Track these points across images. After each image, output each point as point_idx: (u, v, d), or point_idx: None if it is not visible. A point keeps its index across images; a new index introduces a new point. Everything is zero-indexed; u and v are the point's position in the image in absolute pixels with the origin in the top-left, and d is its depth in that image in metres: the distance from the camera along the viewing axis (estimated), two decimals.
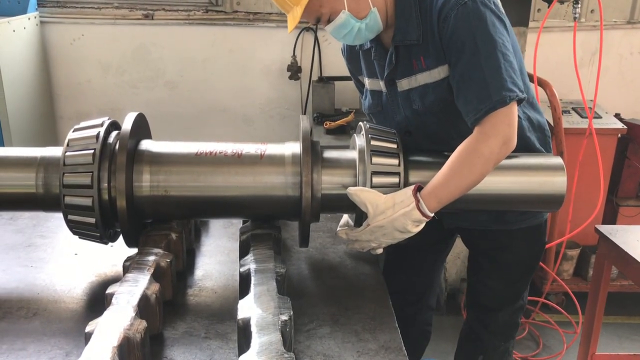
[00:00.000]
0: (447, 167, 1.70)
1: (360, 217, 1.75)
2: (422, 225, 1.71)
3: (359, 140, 1.78)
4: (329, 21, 1.80)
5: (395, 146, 1.75)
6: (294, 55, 4.25)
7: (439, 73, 1.80)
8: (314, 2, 1.75)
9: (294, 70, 4.24)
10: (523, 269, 2.15)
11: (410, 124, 1.95)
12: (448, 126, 1.86)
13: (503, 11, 1.77)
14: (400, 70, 1.89)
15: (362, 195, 1.68)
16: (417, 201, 1.67)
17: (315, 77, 4.24)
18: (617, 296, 3.69)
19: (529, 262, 2.14)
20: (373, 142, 1.73)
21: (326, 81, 4.09)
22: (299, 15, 1.76)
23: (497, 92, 1.66)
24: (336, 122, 3.74)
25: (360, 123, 1.83)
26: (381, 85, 1.98)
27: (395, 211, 1.67)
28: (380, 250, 1.80)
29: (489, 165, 1.69)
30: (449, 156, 1.73)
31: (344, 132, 3.72)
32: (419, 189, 1.70)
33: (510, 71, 1.69)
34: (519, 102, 1.71)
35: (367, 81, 2.07)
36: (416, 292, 2.37)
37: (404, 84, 1.90)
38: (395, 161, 1.72)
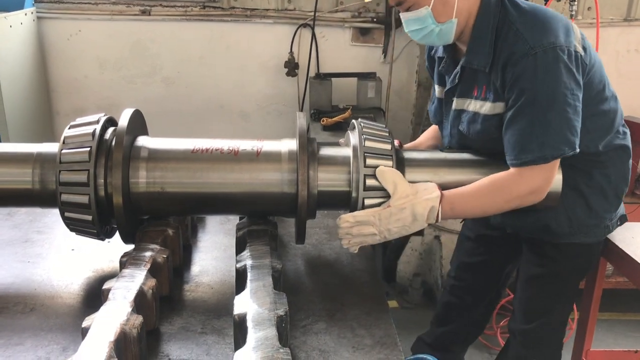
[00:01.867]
0: (474, 186, 1.73)
1: (353, 211, 1.75)
2: (429, 222, 1.71)
3: (353, 138, 1.79)
4: (408, 10, 1.79)
5: (389, 147, 1.75)
6: (291, 52, 4.25)
7: (492, 108, 1.81)
8: None
9: (291, 67, 4.24)
10: (558, 286, 2.10)
11: (453, 142, 1.98)
12: (487, 151, 1.88)
13: (580, 51, 1.74)
14: (460, 90, 1.91)
15: (395, 176, 1.69)
16: (442, 194, 1.70)
17: (312, 74, 4.25)
18: (612, 293, 3.70)
19: (566, 280, 2.09)
20: (367, 143, 1.73)
21: (323, 77, 4.09)
22: None
23: (541, 149, 1.68)
24: (333, 119, 3.75)
25: (354, 121, 1.83)
26: (442, 95, 2.02)
27: (418, 197, 1.69)
28: (357, 249, 1.76)
29: (510, 204, 1.75)
30: (442, 154, 1.74)
31: (341, 129, 3.73)
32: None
33: (565, 128, 1.69)
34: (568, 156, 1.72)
35: (436, 88, 2.09)
36: (475, 290, 2.38)
37: (457, 104, 1.93)
38: (389, 162, 1.72)
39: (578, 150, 1.73)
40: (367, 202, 1.71)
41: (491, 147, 1.83)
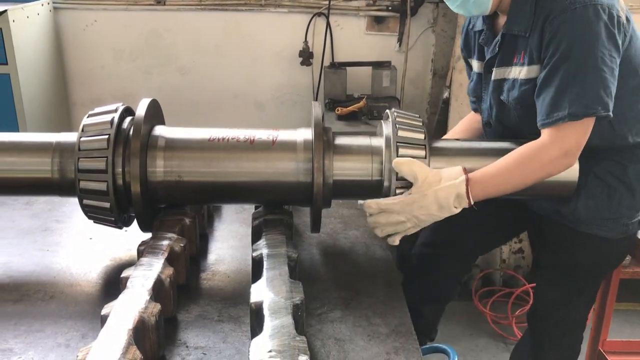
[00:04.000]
0: (503, 161, 1.70)
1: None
2: (460, 208, 1.68)
3: (386, 128, 1.77)
4: None
5: (422, 137, 1.74)
6: (305, 41, 4.24)
7: (529, 72, 1.78)
8: None
9: (306, 56, 4.23)
10: (579, 279, 2.04)
11: (492, 115, 1.95)
12: (524, 124, 1.85)
13: (624, 18, 1.70)
14: (499, 59, 1.88)
15: (414, 166, 1.66)
16: (467, 178, 1.66)
17: (327, 63, 4.23)
18: (629, 283, 3.67)
19: (582, 273, 2.02)
20: (401, 133, 1.72)
21: (338, 67, 4.07)
22: None
23: (573, 105, 1.63)
24: (348, 108, 3.74)
25: (388, 111, 1.82)
26: (481, 69, 1.98)
27: (442, 183, 1.66)
28: (397, 240, 1.74)
29: (543, 172, 1.69)
30: (475, 143, 1.71)
31: (356, 118, 3.72)
32: (465, 171, 1.69)
33: (600, 87, 1.64)
34: (601, 118, 1.67)
35: (474, 63, 2.05)
36: (458, 245, 2.26)
37: (496, 74, 1.90)
38: (422, 152, 1.71)
39: (611, 114, 1.67)
40: (399, 191, 1.70)
41: (529, 118, 1.79)
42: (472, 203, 1.68)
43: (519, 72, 1.81)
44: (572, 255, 2.01)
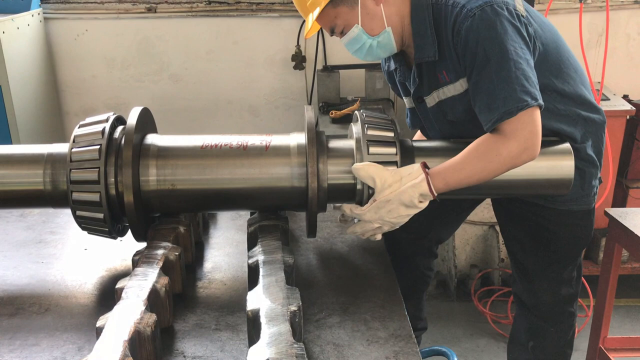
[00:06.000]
0: (463, 154, 1.71)
1: (360, 203, 1.75)
2: (427, 202, 1.70)
3: (356, 129, 1.78)
4: (342, 33, 1.84)
5: (392, 134, 1.74)
6: (298, 45, 4.23)
7: (461, 85, 1.81)
8: (329, 12, 1.79)
9: (299, 60, 4.23)
10: (564, 252, 2.10)
11: (449, 135, 1.96)
12: (483, 132, 1.86)
13: (522, 12, 1.74)
14: (426, 87, 1.91)
15: (370, 169, 1.68)
16: (426, 174, 1.67)
17: (320, 67, 4.23)
18: (628, 279, 3.68)
19: (570, 247, 2.09)
20: (370, 132, 1.72)
21: (331, 70, 4.07)
22: (312, 22, 1.82)
23: (505, 103, 1.66)
24: (342, 111, 3.73)
25: (357, 112, 1.83)
26: (411, 103, 2.02)
27: (403, 184, 1.67)
28: (379, 236, 1.78)
29: (504, 166, 1.70)
30: (451, 142, 1.72)
31: (350, 121, 3.69)
32: (425, 166, 1.70)
33: (522, 79, 1.66)
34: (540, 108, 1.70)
35: (405, 100, 2.10)
36: (422, 233, 2.31)
37: (432, 99, 1.92)
38: (392, 150, 1.72)
39: (540, 102, 1.69)
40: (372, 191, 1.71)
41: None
42: (436, 195, 1.69)
43: (450, 89, 1.85)
44: (550, 230, 2.04)
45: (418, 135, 2.30)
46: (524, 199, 2.04)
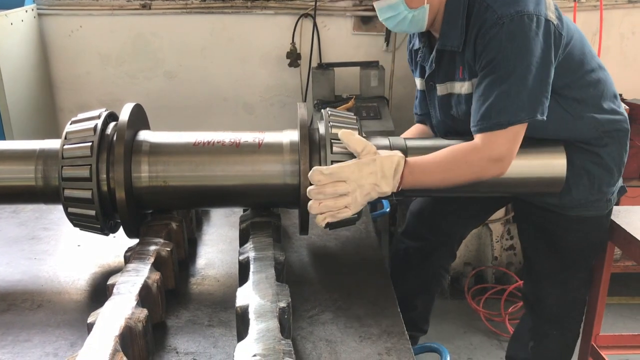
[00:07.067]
0: (436, 155, 1.71)
1: None
2: (389, 188, 1.62)
3: (321, 128, 1.77)
4: None
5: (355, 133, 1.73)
6: (293, 42, 4.23)
7: (470, 87, 1.82)
8: None
9: (294, 57, 4.22)
10: (574, 258, 2.10)
11: (447, 128, 1.98)
12: None
13: (553, 20, 1.73)
14: (441, 75, 1.92)
15: (360, 138, 1.65)
16: (405, 157, 1.66)
17: (314, 64, 4.22)
18: (620, 277, 3.69)
19: (581, 253, 2.09)
20: (334, 130, 1.71)
21: (326, 67, 4.07)
22: None
23: (498, 115, 1.68)
24: (336, 109, 3.72)
25: (323, 110, 1.81)
26: (423, 86, 2.03)
27: (383, 154, 1.64)
28: (324, 223, 1.62)
29: (473, 175, 1.72)
30: (446, 141, 1.73)
31: None
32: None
33: (525, 97, 1.68)
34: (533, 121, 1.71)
35: (417, 81, 2.10)
36: (440, 233, 2.33)
37: (443, 88, 1.93)
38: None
39: (540, 118, 1.70)
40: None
41: None
42: (399, 187, 1.66)
43: (462, 87, 1.86)
44: (559, 236, 2.05)
45: (414, 130, 2.29)
46: (524, 198, 2.05)
